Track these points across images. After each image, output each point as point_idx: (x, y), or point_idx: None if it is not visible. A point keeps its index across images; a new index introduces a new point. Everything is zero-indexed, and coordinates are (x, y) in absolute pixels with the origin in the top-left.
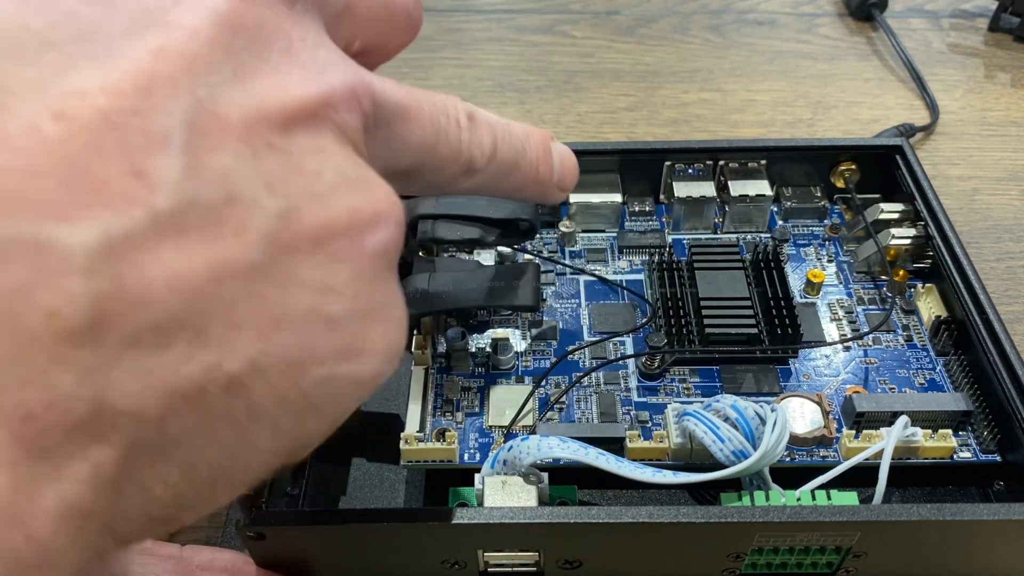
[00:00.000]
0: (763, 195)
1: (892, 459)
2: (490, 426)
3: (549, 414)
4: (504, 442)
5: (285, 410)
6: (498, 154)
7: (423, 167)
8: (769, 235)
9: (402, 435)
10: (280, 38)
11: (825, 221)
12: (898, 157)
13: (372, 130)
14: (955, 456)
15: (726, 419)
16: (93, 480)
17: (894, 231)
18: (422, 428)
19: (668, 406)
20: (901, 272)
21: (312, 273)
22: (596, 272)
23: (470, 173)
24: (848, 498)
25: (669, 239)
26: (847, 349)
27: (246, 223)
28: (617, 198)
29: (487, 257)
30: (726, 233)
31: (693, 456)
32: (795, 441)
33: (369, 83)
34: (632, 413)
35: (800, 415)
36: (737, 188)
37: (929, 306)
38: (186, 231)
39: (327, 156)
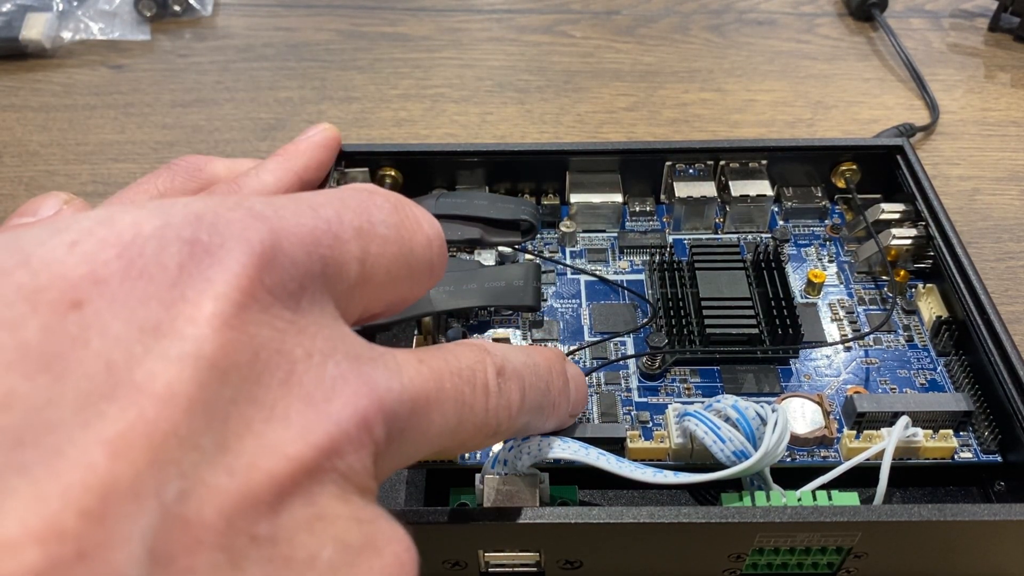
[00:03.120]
0: (764, 195)
1: (893, 459)
2: None
3: None
4: (504, 442)
5: None
6: (525, 406)
7: (441, 451)
8: (770, 235)
9: None
10: (279, 365)
11: (826, 221)
12: (899, 157)
13: (383, 453)
14: (956, 456)
15: (727, 419)
16: None
17: (895, 231)
18: None
19: (669, 406)
20: (902, 272)
21: None
22: (597, 272)
23: (493, 436)
24: (849, 498)
25: (670, 239)
26: (848, 349)
27: None
28: (618, 198)
29: (488, 257)
30: (727, 233)
31: (694, 456)
32: (796, 441)
33: (383, 397)
34: (633, 413)
35: (801, 415)
36: (738, 188)
37: (930, 306)
38: None
39: (325, 526)
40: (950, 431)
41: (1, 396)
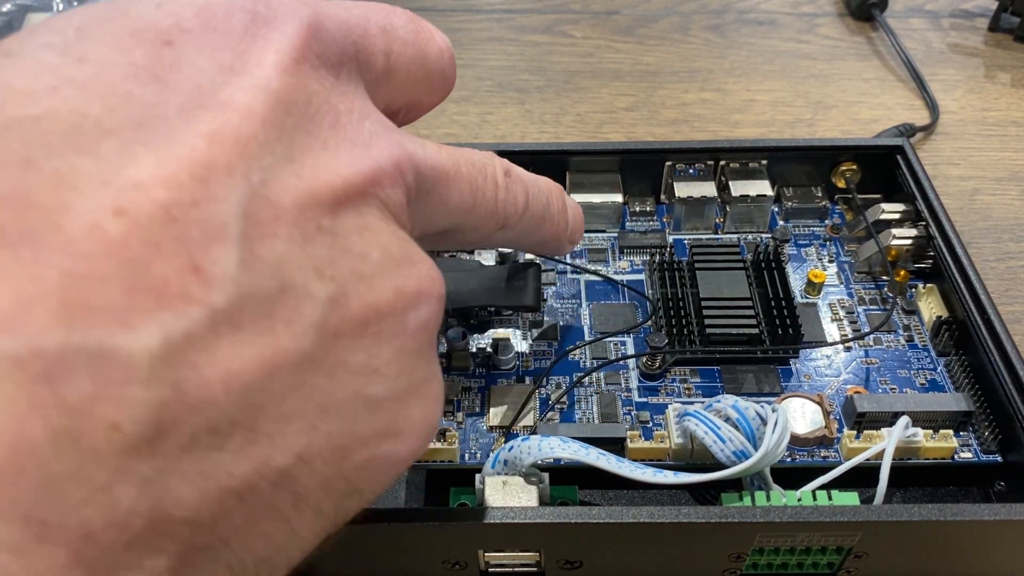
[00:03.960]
0: (764, 195)
1: (893, 459)
2: (491, 426)
3: (550, 414)
4: (505, 442)
5: (328, 495)
6: (529, 209)
7: (460, 227)
8: (770, 235)
9: None
10: (328, 112)
11: (826, 221)
12: (899, 157)
13: (414, 200)
14: (956, 456)
15: (727, 419)
16: None
17: (895, 231)
18: None
19: (669, 406)
20: (902, 272)
21: (357, 356)
22: (599, 271)
23: (504, 229)
24: (849, 498)
25: (670, 239)
26: (848, 349)
27: (298, 313)
28: (618, 198)
29: (488, 257)
30: (727, 233)
31: (694, 456)
32: (796, 441)
33: (412, 154)
34: (633, 413)
35: (801, 415)
36: (738, 188)
37: (930, 306)
38: (241, 326)
39: (373, 235)
40: (950, 431)
41: (123, 93)
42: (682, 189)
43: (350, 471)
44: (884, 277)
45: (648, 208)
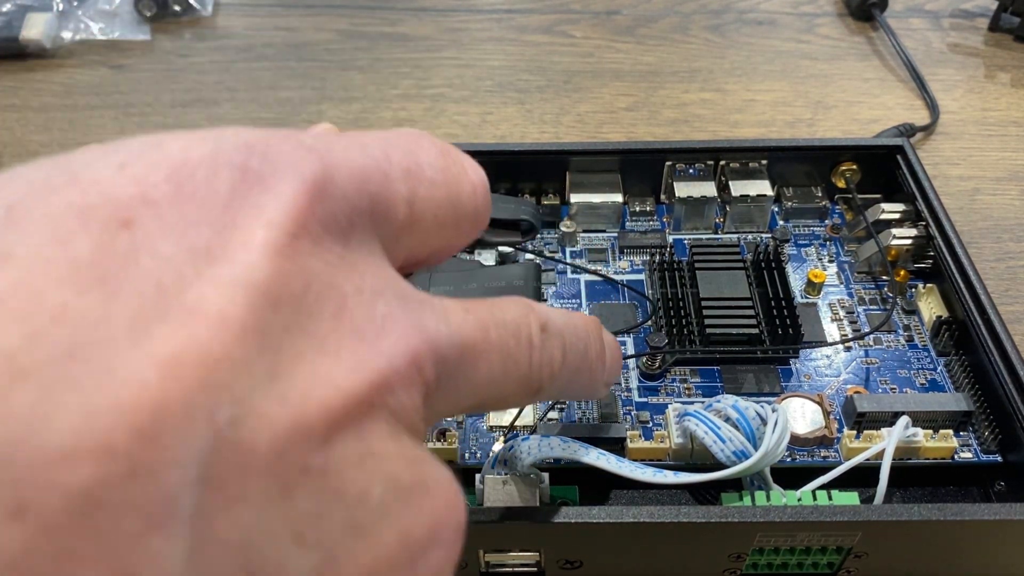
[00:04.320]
0: (764, 195)
1: (893, 459)
2: (491, 426)
3: (550, 414)
4: (505, 442)
5: None
6: (567, 364)
7: (485, 403)
8: (770, 235)
9: None
10: (330, 298)
11: (826, 221)
12: (899, 157)
13: (433, 394)
14: (956, 456)
15: (727, 419)
16: None
17: (895, 231)
18: None
19: (669, 406)
20: (902, 272)
21: None
22: (599, 271)
23: (536, 394)
24: (849, 498)
25: (670, 239)
26: (848, 349)
27: None
28: (618, 198)
29: (488, 257)
30: (727, 233)
31: (694, 456)
32: (796, 441)
33: (434, 338)
34: (633, 413)
35: (801, 415)
36: (738, 188)
37: (930, 306)
38: None
39: (376, 463)
40: (950, 431)
41: (53, 309)
42: (682, 189)
43: None
44: (884, 277)
45: (648, 208)
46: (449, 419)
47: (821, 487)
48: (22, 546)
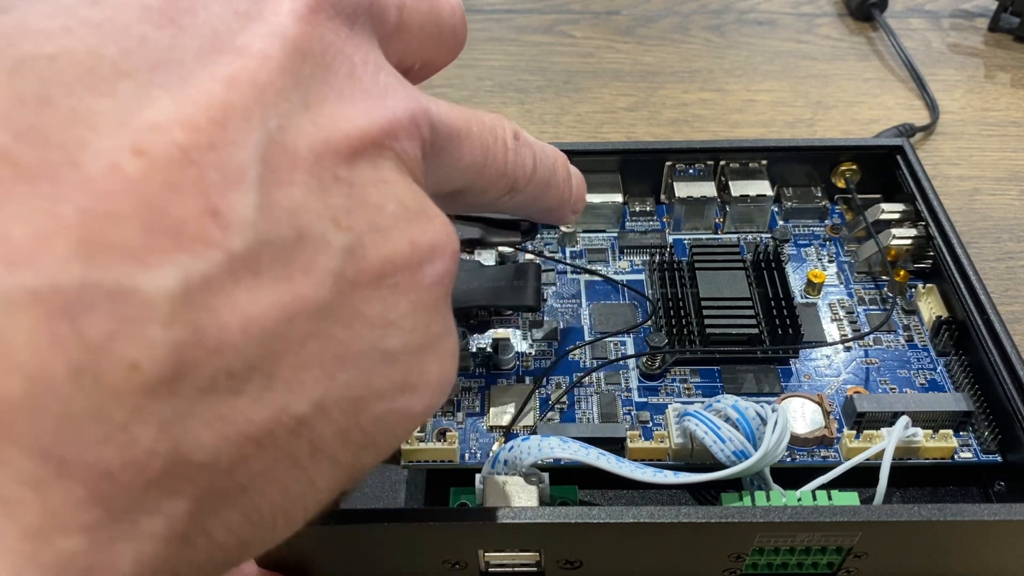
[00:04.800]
0: (764, 195)
1: (893, 459)
2: (491, 426)
3: (550, 414)
4: (505, 442)
5: (344, 446)
6: (536, 173)
7: (470, 188)
8: (770, 235)
9: None
10: (344, 62)
11: (826, 221)
12: (899, 157)
13: (428, 155)
14: (956, 456)
15: (727, 419)
16: (166, 535)
17: (895, 231)
18: (423, 428)
19: (669, 406)
20: (902, 272)
21: (374, 308)
22: (599, 271)
23: (512, 192)
24: (849, 498)
25: (670, 239)
26: (848, 349)
27: (315, 261)
28: (618, 198)
29: (488, 257)
30: (727, 233)
31: (694, 456)
32: (796, 441)
33: (427, 108)
34: (633, 413)
35: (801, 415)
36: (738, 188)
37: (930, 306)
38: (259, 272)
39: (389, 187)
40: (950, 431)
41: (138, 36)
42: (682, 189)
43: (366, 423)
44: (884, 277)
45: (648, 208)
46: (449, 419)
47: (821, 487)
48: (142, 171)
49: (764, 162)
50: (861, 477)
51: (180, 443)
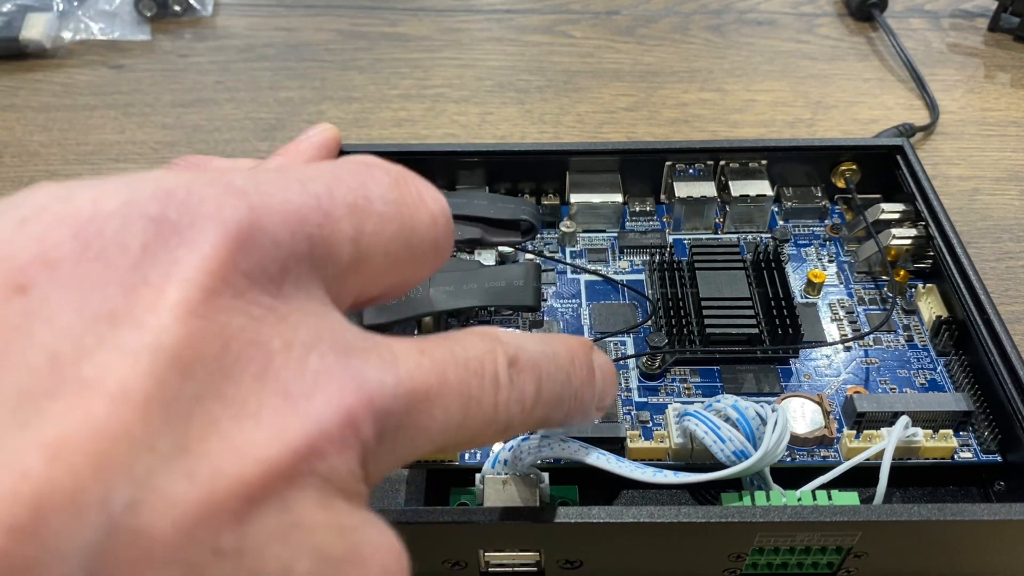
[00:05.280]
0: (764, 195)
1: (893, 459)
2: None
3: None
4: (505, 442)
5: None
6: (542, 398)
7: (445, 447)
8: (770, 235)
9: None
10: (254, 356)
11: (826, 221)
12: (899, 157)
13: (374, 450)
14: (956, 456)
15: (727, 419)
16: None
17: (895, 231)
18: None
19: (669, 406)
20: (902, 272)
21: None
22: (599, 271)
23: (505, 431)
24: (849, 498)
25: (670, 239)
26: (848, 349)
27: None
28: (618, 198)
29: (488, 257)
30: (727, 233)
31: (694, 456)
32: (796, 441)
33: (374, 392)
34: (633, 413)
35: (801, 415)
36: (738, 188)
37: (930, 306)
38: None
39: (302, 535)
40: (950, 431)
41: None
42: (682, 189)
43: None
44: (884, 277)
45: (648, 208)
46: None
47: (821, 487)
48: None
49: (764, 162)
50: (861, 477)
51: None
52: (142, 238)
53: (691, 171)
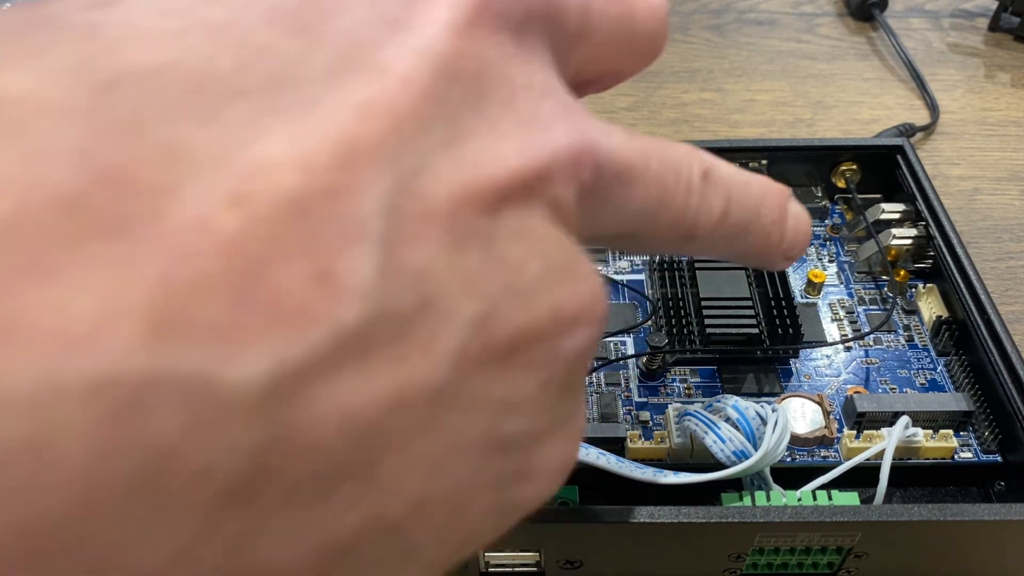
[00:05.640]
0: None
1: (893, 459)
2: None
3: None
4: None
5: (442, 545)
6: (728, 219)
7: (635, 234)
8: None
9: None
10: (502, 85)
11: (826, 221)
12: (899, 157)
13: (586, 199)
14: (956, 456)
15: (727, 419)
16: None
17: (895, 231)
18: None
19: (669, 406)
20: (902, 272)
21: (497, 390)
22: (599, 271)
23: (689, 240)
24: (849, 498)
25: None
26: (848, 349)
27: (436, 337)
28: None
29: None
30: None
31: (694, 456)
32: (796, 441)
33: (594, 145)
34: (633, 413)
35: (801, 415)
36: None
37: (930, 306)
38: (368, 352)
39: (534, 241)
40: (950, 431)
41: (259, 46)
42: None
43: (470, 518)
44: (884, 277)
45: None
46: None
47: (821, 487)
48: (238, 228)
49: (764, 162)
50: (861, 477)
51: (252, 563)
52: None
53: None
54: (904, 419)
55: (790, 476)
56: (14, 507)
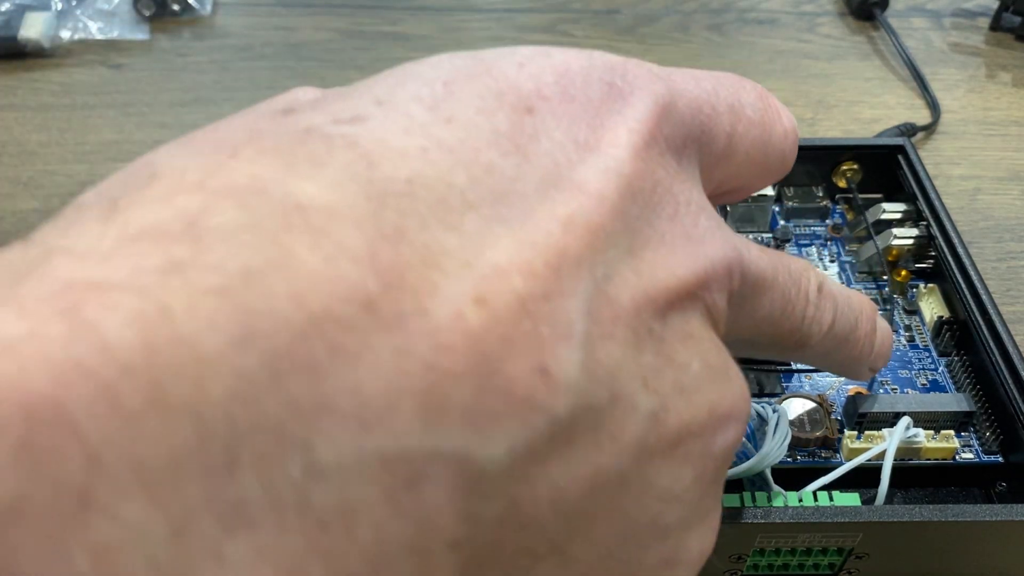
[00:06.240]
0: (765, 195)
1: (894, 460)
2: None
3: None
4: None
5: None
6: (833, 329)
7: (755, 340)
8: (771, 235)
9: None
10: (669, 202)
11: (827, 221)
12: (900, 157)
13: (733, 303)
14: (957, 457)
15: None
16: None
17: (896, 231)
18: None
19: None
20: (903, 272)
21: (663, 479)
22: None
23: (801, 347)
24: (850, 499)
25: None
26: None
27: (623, 428)
28: None
29: None
30: None
31: None
32: (797, 442)
33: (742, 256)
34: None
35: (802, 416)
36: None
37: (931, 306)
38: (573, 439)
39: (695, 343)
40: (952, 432)
41: (485, 164)
42: None
43: None
44: (885, 277)
45: None
46: None
47: (822, 488)
48: (482, 324)
49: None
50: (862, 478)
51: None
52: (599, 93)
53: None
54: (905, 420)
55: (791, 477)
56: (337, 570)
